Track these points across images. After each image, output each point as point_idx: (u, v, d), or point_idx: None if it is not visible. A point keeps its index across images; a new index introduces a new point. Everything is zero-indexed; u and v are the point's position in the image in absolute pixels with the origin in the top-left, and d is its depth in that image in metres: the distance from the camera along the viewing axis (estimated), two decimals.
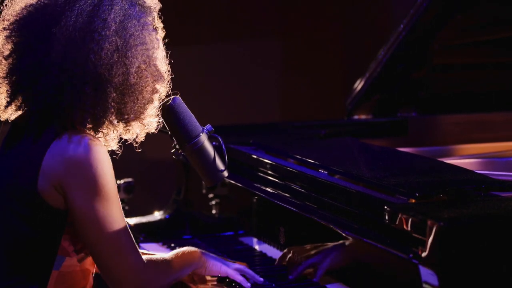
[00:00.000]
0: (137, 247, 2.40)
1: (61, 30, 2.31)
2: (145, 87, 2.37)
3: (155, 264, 2.47)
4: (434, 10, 3.71)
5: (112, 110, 2.33)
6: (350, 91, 4.08)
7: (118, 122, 2.37)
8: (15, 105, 2.38)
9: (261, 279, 2.64)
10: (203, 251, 2.61)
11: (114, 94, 2.32)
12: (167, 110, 2.54)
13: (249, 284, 2.61)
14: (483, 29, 3.90)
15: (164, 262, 2.51)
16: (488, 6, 3.79)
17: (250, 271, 2.63)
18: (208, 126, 2.61)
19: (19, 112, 2.40)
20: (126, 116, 2.36)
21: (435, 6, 3.69)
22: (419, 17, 3.70)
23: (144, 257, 2.43)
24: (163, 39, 2.47)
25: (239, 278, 2.60)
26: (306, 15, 6.31)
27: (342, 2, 6.30)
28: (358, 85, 4.03)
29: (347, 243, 2.52)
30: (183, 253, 2.56)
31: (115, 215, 2.33)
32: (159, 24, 2.46)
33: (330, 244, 2.59)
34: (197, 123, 2.59)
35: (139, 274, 2.38)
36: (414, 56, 3.92)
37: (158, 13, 2.45)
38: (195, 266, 2.57)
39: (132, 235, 2.39)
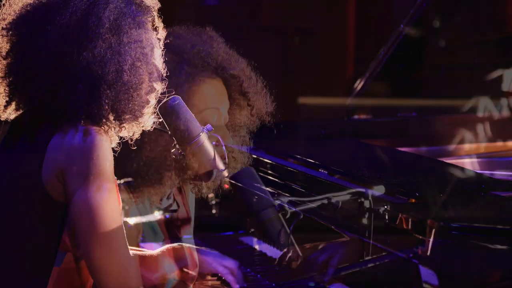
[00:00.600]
0: (127, 243, 2.35)
1: (55, 28, 2.30)
2: (140, 85, 2.35)
3: (141, 260, 2.46)
4: (434, 10, 3.71)
5: (107, 107, 2.32)
6: (351, 91, 4.08)
7: (114, 120, 2.36)
8: (14, 105, 2.38)
9: (245, 284, 2.64)
10: (194, 247, 2.59)
11: (108, 92, 2.31)
12: (167, 110, 2.53)
13: (237, 286, 2.60)
14: (482, 29, 3.90)
15: (151, 258, 2.50)
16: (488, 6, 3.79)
17: (238, 273, 2.62)
18: (208, 126, 2.60)
19: (19, 112, 2.39)
20: (122, 114, 2.35)
21: (434, 6, 3.70)
22: (419, 17, 3.70)
23: (131, 252, 2.41)
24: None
25: (229, 278, 2.60)
26: (306, 15, 6.31)
27: (343, 2, 6.30)
28: (358, 85, 4.03)
29: (347, 243, 2.52)
30: (172, 250, 2.54)
31: (110, 205, 2.28)
32: (159, 24, 2.45)
33: (331, 244, 2.59)
34: (197, 123, 2.58)
35: (126, 270, 2.34)
36: (414, 56, 3.92)
37: (158, 13, 2.45)
38: (182, 262, 2.55)
39: (124, 229, 2.35)
